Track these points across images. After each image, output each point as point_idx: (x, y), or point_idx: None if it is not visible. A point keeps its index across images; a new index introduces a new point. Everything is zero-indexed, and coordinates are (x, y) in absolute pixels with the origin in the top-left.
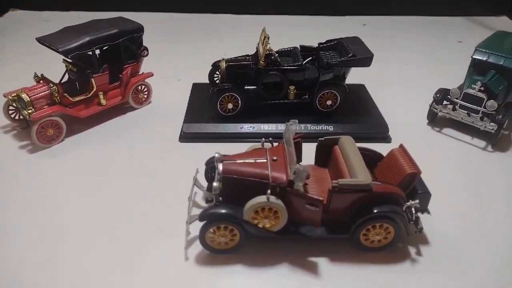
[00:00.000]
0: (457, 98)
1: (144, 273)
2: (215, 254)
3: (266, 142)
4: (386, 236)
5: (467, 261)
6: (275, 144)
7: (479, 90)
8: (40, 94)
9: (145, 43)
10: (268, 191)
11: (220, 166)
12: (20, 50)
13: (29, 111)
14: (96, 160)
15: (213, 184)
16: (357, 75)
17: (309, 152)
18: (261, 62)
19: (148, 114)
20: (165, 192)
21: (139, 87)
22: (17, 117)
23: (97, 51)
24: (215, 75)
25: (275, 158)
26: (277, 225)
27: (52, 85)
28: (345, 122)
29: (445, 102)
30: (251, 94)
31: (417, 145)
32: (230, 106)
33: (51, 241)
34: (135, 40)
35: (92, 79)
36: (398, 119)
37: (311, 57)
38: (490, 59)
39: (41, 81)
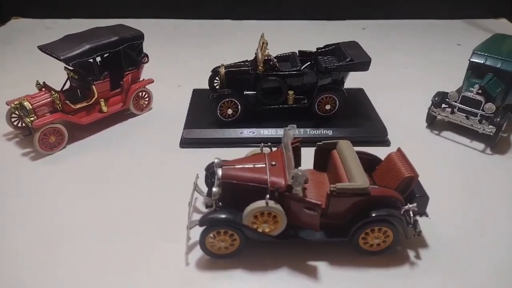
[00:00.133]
0: (455, 101)
1: (145, 278)
2: (215, 259)
3: (265, 147)
4: (385, 240)
5: (466, 264)
6: (274, 149)
7: (477, 93)
8: (42, 102)
9: (146, 50)
10: (267, 196)
11: (220, 172)
12: (22, 58)
13: (31, 119)
14: (98, 166)
15: (213, 189)
16: (356, 79)
17: (309, 157)
18: (260, 68)
19: (149, 120)
20: (166, 198)
21: (140, 94)
22: (20, 125)
23: (98, 59)
24: (215, 81)
25: (274, 163)
26: (277, 230)
27: (54, 93)
28: (344, 126)
29: (444, 105)
30: (251, 100)
31: (416, 148)
32: (230, 112)
33: (53, 247)
34: (136, 47)
35: (93, 86)
36: (397, 123)
37: (310, 62)
38: (488, 62)
39: (43, 89)
